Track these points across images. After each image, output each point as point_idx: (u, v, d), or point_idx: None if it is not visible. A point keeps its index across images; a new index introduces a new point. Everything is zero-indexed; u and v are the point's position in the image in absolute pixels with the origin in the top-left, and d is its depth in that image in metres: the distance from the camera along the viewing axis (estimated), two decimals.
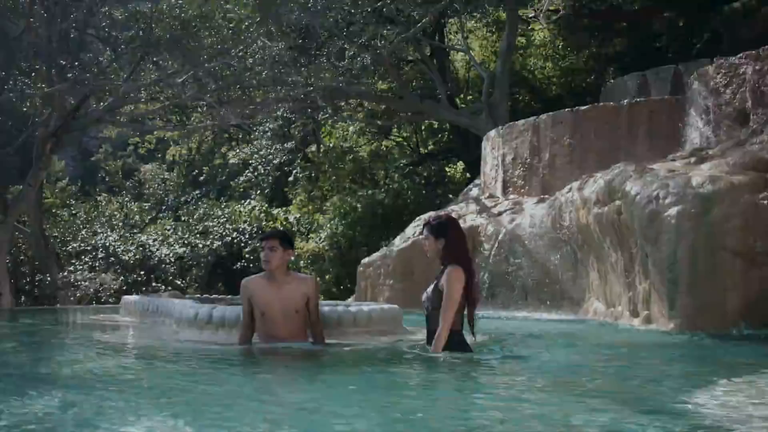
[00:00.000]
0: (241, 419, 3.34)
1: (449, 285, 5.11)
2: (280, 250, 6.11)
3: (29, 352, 6.41)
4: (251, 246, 20.28)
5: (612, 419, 3.35)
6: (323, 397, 4.04)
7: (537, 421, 3.29)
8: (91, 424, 3.22)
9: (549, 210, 10.99)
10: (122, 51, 14.02)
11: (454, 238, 5.29)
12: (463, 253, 5.27)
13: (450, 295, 5.10)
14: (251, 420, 3.34)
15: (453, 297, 5.10)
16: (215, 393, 4.22)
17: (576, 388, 4.22)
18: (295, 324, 6.15)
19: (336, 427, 3.22)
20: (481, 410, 3.64)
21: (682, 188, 8.30)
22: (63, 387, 4.23)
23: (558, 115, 13.22)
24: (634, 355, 6.20)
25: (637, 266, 8.91)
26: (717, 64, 10.58)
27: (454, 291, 5.10)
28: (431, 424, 3.30)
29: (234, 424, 3.25)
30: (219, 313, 6.90)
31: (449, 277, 5.13)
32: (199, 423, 3.27)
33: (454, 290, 5.10)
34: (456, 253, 5.24)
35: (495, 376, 4.79)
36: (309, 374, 4.95)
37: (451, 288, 5.10)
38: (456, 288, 5.10)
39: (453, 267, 5.16)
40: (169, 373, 5.09)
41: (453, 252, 5.24)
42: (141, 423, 3.22)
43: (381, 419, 3.41)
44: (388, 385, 4.54)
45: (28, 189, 14.55)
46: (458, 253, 5.24)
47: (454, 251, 5.24)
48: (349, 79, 17.25)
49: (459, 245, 5.29)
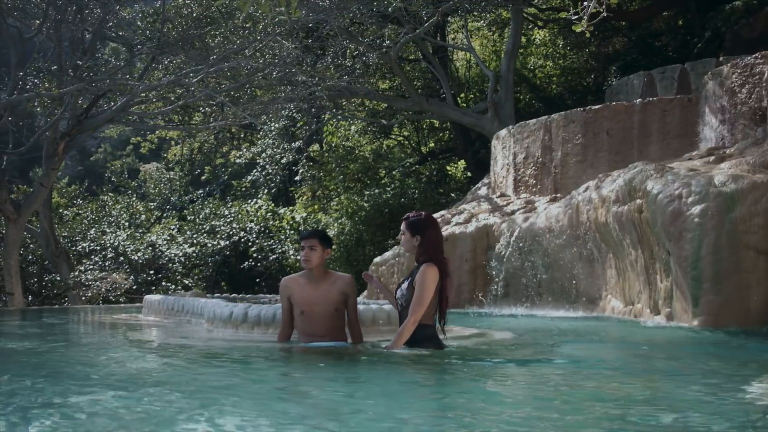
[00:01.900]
0: (301, 417, 3.37)
1: (423, 282, 5.21)
2: (320, 248, 6.14)
3: (67, 353, 6.40)
4: (258, 245, 20.32)
5: (684, 417, 3.42)
6: (375, 395, 4.07)
7: (620, 422, 3.33)
8: (159, 424, 3.22)
9: (565, 208, 11.08)
10: (138, 51, 14.02)
11: (430, 237, 5.37)
12: (438, 253, 5.35)
13: (422, 292, 5.20)
14: (310, 418, 3.37)
15: (425, 294, 5.21)
16: (271, 391, 4.25)
17: (639, 386, 4.28)
18: (335, 322, 6.18)
19: (388, 424, 3.24)
20: (541, 409, 3.70)
21: (705, 187, 8.41)
22: (116, 387, 4.18)
23: (570, 115, 13.30)
24: (672, 351, 6.28)
25: (658, 264, 9.02)
26: (732, 63, 10.69)
27: (426, 289, 5.20)
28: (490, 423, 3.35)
29: (295, 422, 3.28)
30: (255, 312, 6.94)
31: (424, 274, 5.23)
32: (267, 421, 3.29)
33: (426, 288, 5.20)
34: (431, 251, 5.33)
35: (548, 377, 4.85)
36: (356, 373, 4.99)
37: (425, 285, 5.20)
38: (429, 286, 5.21)
39: (428, 265, 5.26)
40: (219, 372, 5.09)
41: (428, 250, 5.34)
42: (207, 421, 3.24)
43: (442, 418, 3.46)
44: (436, 382, 4.58)
45: (40, 189, 14.54)
46: (433, 252, 5.33)
47: (430, 249, 5.34)
48: (355, 79, 17.29)
49: (435, 244, 5.38)
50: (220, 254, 20.53)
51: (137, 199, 26.29)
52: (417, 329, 5.27)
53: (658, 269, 9.04)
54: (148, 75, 14.27)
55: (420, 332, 5.30)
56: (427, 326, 5.34)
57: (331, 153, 21.91)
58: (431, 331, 5.40)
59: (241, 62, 13.12)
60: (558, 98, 26.35)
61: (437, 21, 18.38)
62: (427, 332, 5.37)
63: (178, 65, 13.17)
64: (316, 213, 21.75)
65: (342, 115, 22.46)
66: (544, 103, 25.98)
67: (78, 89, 11.91)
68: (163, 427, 3.15)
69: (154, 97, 14.32)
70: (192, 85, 12.39)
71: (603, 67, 25.86)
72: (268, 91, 16.49)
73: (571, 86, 26.78)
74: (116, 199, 23.35)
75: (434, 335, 5.44)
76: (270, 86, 15.82)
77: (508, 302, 12.24)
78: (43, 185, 14.43)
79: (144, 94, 13.63)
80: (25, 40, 13.80)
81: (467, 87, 26.44)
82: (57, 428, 3.09)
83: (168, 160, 31.27)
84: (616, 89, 17.67)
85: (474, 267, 12.79)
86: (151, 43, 12.79)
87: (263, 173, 24.27)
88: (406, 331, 5.24)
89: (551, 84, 27.44)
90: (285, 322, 6.32)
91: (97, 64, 13.22)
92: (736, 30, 19.51)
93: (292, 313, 6.25)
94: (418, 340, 5.30)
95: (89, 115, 13.75)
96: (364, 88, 18.75)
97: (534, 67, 27.59)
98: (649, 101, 12.61)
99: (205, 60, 12.44)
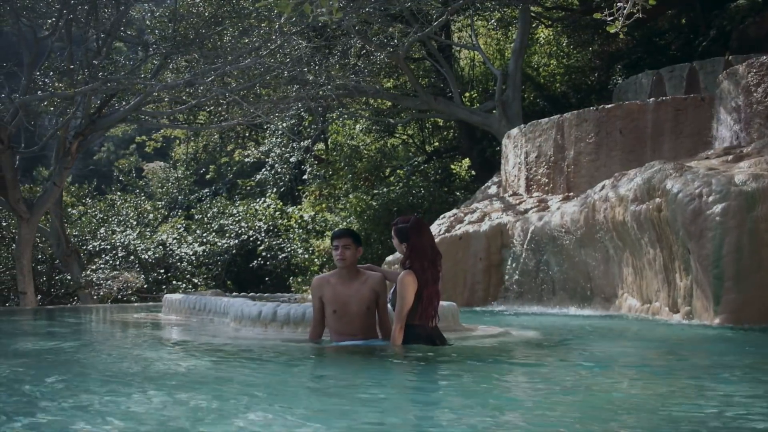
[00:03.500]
0: (347, 415, 3.39)
1: (400, 292, 5.50)
2: (353, 247, 6.18)
3: (97, 352, 6.41)
4: (266, 244, 20.35)
5: (736, 414, 3.47)
6: (407, 392, 4.12)
7: (667, 423, 3.37)
8: (213, 422, 3.23)
9: (581, 207, 11.13)
10: (154, 50, 14.04)
11: (414, 244, 5.60)
12: (421, 259, 5.57)
13: (401, 301, 5.49)
14: (355, 415, 3.39)
15: (403, 303, 5.49)
16: (312, 389, 4.29)
17: (686, 384, 4.32)
18: (368, 321, 6.21)
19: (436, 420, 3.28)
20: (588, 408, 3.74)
21: (726, 186, 8.46)
22: (155, 387, 4.21)
23: (583, 114, 13.36)
24: (701, 349, 6.33)
25: (677, 262, 9.07)
26: (748, 63, 10.75)
27: (403, 297, 5.48)
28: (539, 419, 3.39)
29: (340, 419, 3.31)
30: (284, 311, 6.98)
31: (400, 283, 5.51)
32: (314, 418, 3.32)
33: (403, 296, 5.48)
34: (413, 258, 5.58)
35: (589, 377, 4.90)
36: (395, 372, 5.03)
37: (401, 294, 5.49)
38: (405, 294, 5.48)
39: (405, 273, 5.52)
40: (255, 370, 5.12)
41: (411, 256, 5.59)
42: (251, 419, 3.25)
43: (496, 414, 3.50)
44: (482, 379, 4.63)
45: (53, 188, 14.56)
46: (416, 258, 5.57)
47: (413, 256, 5.58)
48: (365, 78, 17.33)
49: (419, 251, 5.59)
50: (228, 253, 20.58)
51: (145, 198, 26.30)
52: (406, 330, 5.55)
53: (677, 268, 9.09)
54: (160, 74, 14.28)
55: (409, 332, 5.57)
56: (416, 326, 5.59)
57: (338, 152, 21.93)
58: (420, 330, 5.63)
59: (256, 61, 13.14)
60: (562, 97, 26.41)
61: (445, 20, 18.42)
62: (416, 332, 5.61)
63: (191, 64, 13.19)
64: (323, 212, 21.78)
65: (348, 113, 22.50)
66: (549, 102, 26.05)
67: (92, 89, 11.93)
68: (217, 425, 3.16)
69: (166, 96, 14.33)
70: (207, 84, 12.41)
71: (607, 66, 25.91)
72: (275, 90, 16.51)
73: (575, 85, 26.84)
74: (125, 198, 23.38)
75: (422, 334, 5.65)
76: (278, 85, 15.84)
77: (521, 301, 12.31)
78: (56, 184, 14.45)
79: (156, 94, 13.65)
80: (38, 39, 13.81)
81: (471, 85, 26.48)
82: (109, 428, 3.09)
83: (176, 159, 31.26)
84: (624, 88, 17.73)
85: (488, 266, 12.84)
86: (166, 42, 12.80)
87: (272, 172, 24.31)
88: (396, 337, 5.56)
89: (555, 83, 27.50)
90: (316, 320, 6.36)
91: (110, 64, 13.24)
92: (742, 29, 19.58)
93: (323, 312, 6.29)
94: (408, 340, 5.56)
95: (102, 114, 13.77)
96: (373, 87, 18.79)
97: (538, 65, 27.65)
98: (662, 100, 12.66)
99: (216, 59, 12.47)
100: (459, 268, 12.89)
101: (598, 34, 25.78)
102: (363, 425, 3.18)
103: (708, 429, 3.17)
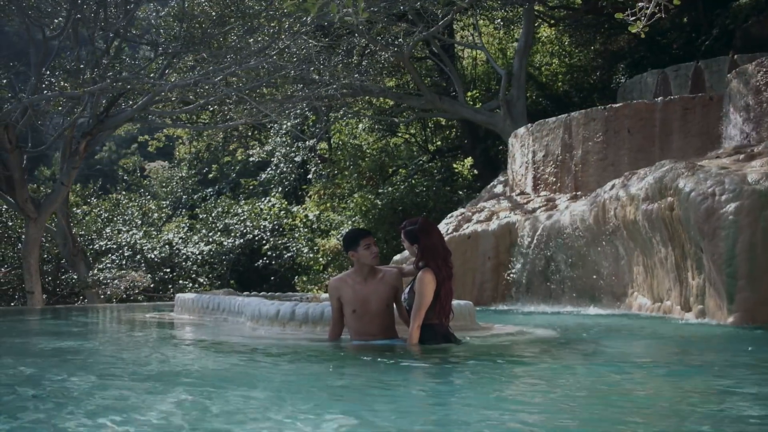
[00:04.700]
0: (380, 413, 3.40)
1: (420, 289, 5.54)
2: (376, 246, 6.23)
3: (118, 352, 6.42)
4: (271, 243, 20.37)
5: None
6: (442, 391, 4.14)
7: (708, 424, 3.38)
8: (242, 422, 3.21)
9: (591, 206, 11.15)
10: (163, 49, 14.04)
11: (425, 244, 5.67)
12: (435, 258, 5.63)
13: (420, 299, 5.53)
14: (384, 414, 3.40)
15: (422, 301, 5.54)
16: (347, 388, 4.30)
17: (714, 384, 4.34)
18: (387, 320, 6.21)
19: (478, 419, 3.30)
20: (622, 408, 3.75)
21: (739, 185, 8.49)
22: (181, 387, 4.18)
23: (591, 113, 13.39)
24: (721, 348, 6.35)
25: (689, 261, 9.10)
26: (758, 62, 10.78)
27: (423, 295, 5.53)
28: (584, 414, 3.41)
29: (371, 418, 3.31)
30: (302, 310, 7.00)
31: (420, 281, 5.55)
32: (347, 416, 3.32)
33: (423, 294, 5.53)
34: (427, 257, 5.63)
35: (610, 376, 4.91)
36: (423, 371, 5.04)
37: (421, 292, 5.53)
38: (425, 292, 5.53)
39: (424, 271, 5.57)
40: (282, 369, 5.12)
41: (425, 256, 5.64)
42: (288, 419, 3.25)
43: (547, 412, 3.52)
44: (515, 376, 4.65)
45: (61, 188, 14.56)
46: (430, 257, 5.62)
47: (426, 255, 5.64)
48: (373, 77, 17.35)
49: (431, 250, 5.66)
50: (234, 252, 20.60)
51: (150, 197, 26.31)
52: (424, 329, 5.61)
53: (689, 266, 9.12)
54: (167, 74, 14.29)
55: (427, 331, 5.63)
56: (432, 325, 5.65)
57: (343, 151, 21.95)
58: (437, 329, 5.69)
59: (265, 61, 13.15)
60: (564, 96, 26.46)
61: (450, 19, 18.44)
62: (434, 330, 5.66)
63: (200, 64, 13.19)
64: (327, 211, 21.79)
65: (352, 112, 22.51)
66: (551, 101, 26.09)
67: (101, 88, 11.94)
68: (247, 426, 3.14)
69: (174, 95, 14.34)
70: (217, 83, 12.43)
71: (609, 65, 25.94)
72: (277, 90, 16.52)
73: (577, 84, 26.89)
74: (130, 197, 23.39)
75: (440, 333, 5.70)
76: (284, 84, 15.85)
77: (530, 299, 12.33)
78: (63, 184, 14.45)
79: (164, 93, 13.65)
80: (46, 39, 13.80)
81: (473, 84, 26.50)
82: (143, 429, 3.10)
83: (180, 158, 31.24)
84: (629, 87, 17.76)
85: (496, 264, 12.87)
86: (176, 42, 12.80)
87: (277, 171, 24.33)
88: (414, 336, 5.60)
89: (557, 82, 27.55)
90: (335, 320, 6.37)
91: (118, 63, 13.23)
92: (746, 28, 19.61)
93: (342, 312, 6.29)
94: (426, 339, 5.61)
95: (109, 114, 13.78)
96: (378, 86, 18.81)
97: (540, 64, 27.69)
98: (670, 99, 12.69)
99: (223, 59, 12.47)
100: (467, 268, 12.91)
101: (600, 33, 25.86)
102: (390, 425, 3.19)
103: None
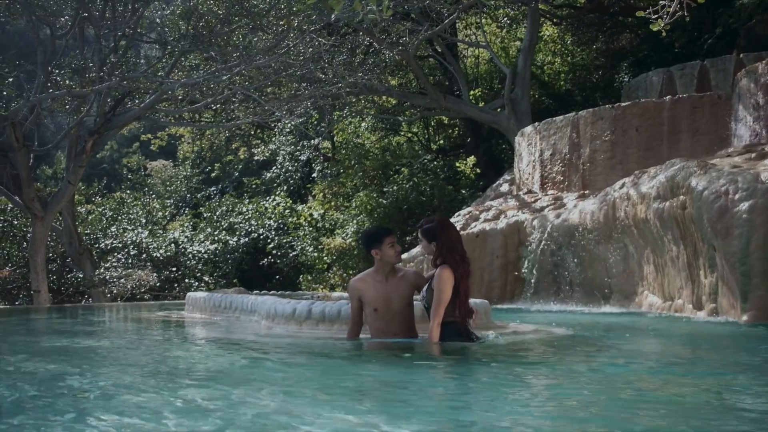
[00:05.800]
0: (417, 413, 3.39)
1: (438, 286, 5.52)
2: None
3: (135, 351, 6.41)
4: (276, 242, 20.36)
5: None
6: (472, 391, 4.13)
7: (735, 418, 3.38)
8: (273, 420, 3.20)
9: (601, 205, 11.16)
10: (172, 48, 14.02)
11: (443, 242, 5.65)
12: (453, 254, 5.62)
13: (439, 296, 5.51)
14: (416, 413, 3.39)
15: (442, 297, 5.52)
16: (366, 387, 4.30)
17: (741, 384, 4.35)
18: (408, 319, 6.19)
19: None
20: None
21: (752, 183, 8.49)
22: (204, 385, 4.20)
23: (598, 111, 13.39)
24: (740, 346, 6.35)
25: (701, 260, 9.10)
26: (767, 61, 10.78)
27: (442, 292, 5.51)
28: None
29: (404, 415, 3.32)
30: (319, 308, 7.00)
31: (439, 278, 5.53)
32: (373, 416, 3.31)
33: (442, 291, 5.51)
34: (445, 254, 5.61)
35: (632, 376, 4.91)
36: (438, 369, 5.05)
37: (440, 289, 5.51)
38: (444, 289, 5.51)
39: (442, 268, 5.55)
40: (308, 368, 5.11)
41: (443, 253, 5.63)
42: (310, 417, 3.24)
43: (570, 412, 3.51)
44: (535, 377, 4.64)
45: (67, 187, 14.54)
46: (447, 254, 5.61)
47: (444, 253, 5.62)
48: (378, 76, 17.34)
49: (449, 247, 5.64)
50: (238, 251, 20.59)
51: (154, 196, 26.28)
52: (444, 327, 5.56)
53: (701, 265, 9.12)
54: (173, 73, 14.27)
55: (447, 329, 5.57)
56: (453, 323, 5.61)
57: (348, 150, 21.93)
58: (458, 326, 5.65)
59: (274, 59, 13.14)
60: (567, 95, 26.47)
61: (455, 18, 18.44)
62: (454, 328, 5.62)
63: (208, 62, 13.19)
64: (332, 210, 21.78)
65: (356, 111, 22.49)
66: (554, 100, 26.09)
67: (109, 86, 11.93)
68: (275, 425, 3.12)
69: (180, 94, 14.32)
70: (223, 82, 12.43)
71: (611, 64, 25.95)
72: (280, 89, 16.50)
73: (579, 83, 26.90)
74: (134, 196, 23.37)
75: (460, 330, 5.68)
76: (290, 83, 15.84)
77: (539, 298, 12.33)
78: (70, 182, 14.43)
79: (172, 92, 13.64)
80: (54, 38, 13.78)
81: (476, 83, 26.50)
82: (167, 427, 3.09)
83: (184, 157, 31.22)
84: (635, 86, 17.75)
85: (505, 263, 12.87)
86: (185, 40, 12.79)
87: (282, 170, 24.32)
88: (434, 334, 5.56)
89: (559, 81, 27.55)
90: (354, 320, 6.35)
91: (125, 62, 13.22)
92: (750, 27, 19.62)
93: (361, 312, 6.28)
94: (446, 337, 5.57)
95: (116, 113, 13.76)
96: (383, 85, 18.81)
97: (542, 63, 27.69)
98: (678, 98, 12.70)
99: (230, 57, 12.46)
100: (475, 266, 12.86)
101: (603, 31, 25.87)
102: (417, 423, 3.18)
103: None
